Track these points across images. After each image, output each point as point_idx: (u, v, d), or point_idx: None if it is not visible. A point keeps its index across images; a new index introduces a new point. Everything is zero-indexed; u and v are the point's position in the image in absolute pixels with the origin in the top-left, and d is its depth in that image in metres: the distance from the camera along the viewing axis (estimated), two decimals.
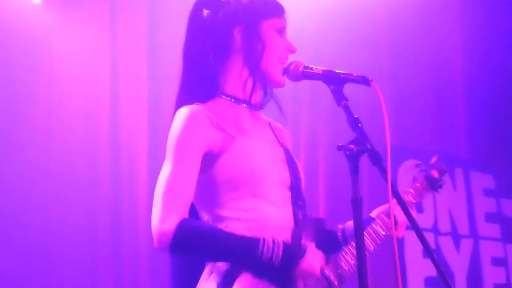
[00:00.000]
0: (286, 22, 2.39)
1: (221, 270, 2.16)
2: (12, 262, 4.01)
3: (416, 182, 2.58)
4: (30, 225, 4.07)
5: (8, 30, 4.20)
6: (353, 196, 1.95)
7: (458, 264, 5.30)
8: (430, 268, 3.24)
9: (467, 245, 5.39)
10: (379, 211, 2.49)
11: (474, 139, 5.67)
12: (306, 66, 2.27)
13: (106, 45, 4.43)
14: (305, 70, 2.26)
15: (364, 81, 2.07)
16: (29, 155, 4.14)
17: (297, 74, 2.28)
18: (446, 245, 5.27)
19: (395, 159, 4.64)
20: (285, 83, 2.37)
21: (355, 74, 2.11)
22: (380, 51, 5.26)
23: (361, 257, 1.91)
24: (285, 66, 2.33)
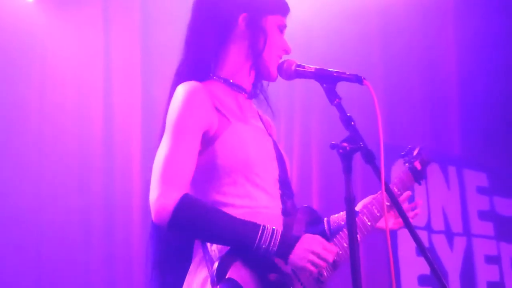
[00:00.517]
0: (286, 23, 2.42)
1: (213, 259, 2.15)
2: (6, 263, 4.00)
3: (401, 173, 2.60)
4: (23, 226, 4.06)
5: (0, 29, 4.19)
6: (346, 194, 1.95)
7: (452, 262, 5.31)
8: (423, 266, 3.25)
9: (460, 243, 5.40)
10: (364, 203, 2.53)
11: (468, 138, 5.67)
12: (299, 65, 2.27)
13: (100, 45, 4.42)
14: (298, 68, 2.27)
15: (357, 79, 2.07)
16: (21, 155, 4.13)
17: (290, 72, 2.29)
18: (440, 243, 5.28)
19: (388, 157, 4.59)
20: (277, 77, 2.38)
21: (348, 72, 2.12)
22: (373, 49, 5.27)
23: (354, 254, 1.92)
24: (278, 64, 2.34)
